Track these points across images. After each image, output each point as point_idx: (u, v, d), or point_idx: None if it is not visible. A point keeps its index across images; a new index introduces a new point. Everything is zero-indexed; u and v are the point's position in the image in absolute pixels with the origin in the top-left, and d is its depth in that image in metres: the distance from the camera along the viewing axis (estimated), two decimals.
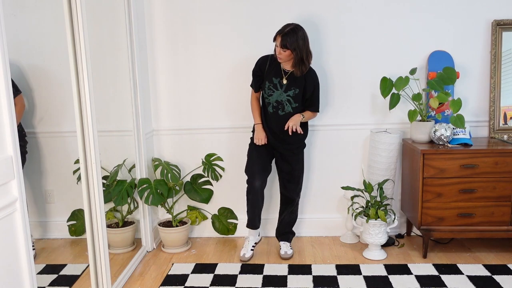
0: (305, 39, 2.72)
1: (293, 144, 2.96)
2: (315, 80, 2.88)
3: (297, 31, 2.69)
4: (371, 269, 2.84)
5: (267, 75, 2.87)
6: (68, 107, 2.36)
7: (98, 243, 2.45)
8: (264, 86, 2.88)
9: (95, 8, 2.69)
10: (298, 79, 2.83)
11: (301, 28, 2.73)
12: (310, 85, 2.85)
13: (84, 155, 2.36)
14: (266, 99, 2.90)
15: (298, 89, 2.83)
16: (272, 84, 2.85)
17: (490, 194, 2.85)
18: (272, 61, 2.88)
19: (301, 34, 2.70)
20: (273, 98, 2.85)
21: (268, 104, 2.90)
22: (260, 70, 2.91)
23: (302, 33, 2.71)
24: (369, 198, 3.09)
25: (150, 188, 3.04)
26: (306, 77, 2.83)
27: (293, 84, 2.83)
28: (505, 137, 3.14)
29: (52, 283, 2.57)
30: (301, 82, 2.83)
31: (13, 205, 1.61)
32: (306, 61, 2.76)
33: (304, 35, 2.72)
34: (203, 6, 3.22)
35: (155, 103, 3.37)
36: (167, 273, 2.88)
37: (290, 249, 3.08)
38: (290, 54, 2.72)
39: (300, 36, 2.69)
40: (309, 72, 2.84)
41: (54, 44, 2.59)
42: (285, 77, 2.83)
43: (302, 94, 2.86)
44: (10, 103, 1.58)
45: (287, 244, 3.12)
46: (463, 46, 3.17)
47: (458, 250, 3.10)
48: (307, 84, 2.84)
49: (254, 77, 2.96)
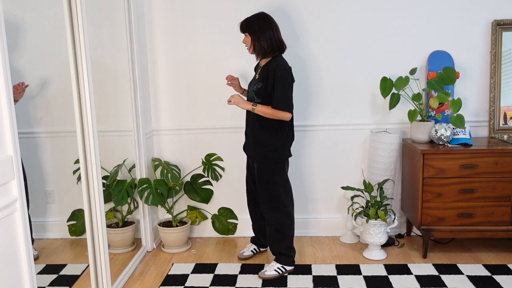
0: (263, 25, 2.59)
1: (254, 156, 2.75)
2: (276, 73, 2.56)
3: (258, 16, 2.63)
4: (371, 269, 2.84)
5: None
6: (68, 107, 2.36)
7: (98, 243, 2.45)
8: None
9: (95, 8, 2.69)
10: (263, 74, 2.63)
11: (263, 15, 2.64)
12: (270, 80, 2.58)
13: (84, 155, 2.36)
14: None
15: (262, 83, 2.62)
16: (251, 80, 2.81)
17: (490, 194, 2.85)
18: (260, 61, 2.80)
19: (261, 20, 2.61)
20: (248, 94, 2.77)
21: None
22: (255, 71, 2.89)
23: (263, 19, 2.61)
24: (369, 198, 3.09)
25: (150, 188, 3.04)
26: (268, 71, 2.60)
27: (259, 79, 2.65)
28: (505, 137, 3.14)
29: (52, 283, 2.57)
30: (264, 76, 2.62)
31: (13, 205, 1.61)
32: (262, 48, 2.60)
33: (264, 21, 2.61)
34: (203, 6, 3.22)
35: (155, 103, 3.37)
36: (167, 273, 2.88)
37: (272, 271, 2.75)
38: (248, 40, 2.63)
39: (257, 21, 2.60)
40: (272, 66, 2.59)
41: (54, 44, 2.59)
42: (258, 71, 2.72)
43: (265, 88, 2.61)
44: (10, 103, 1.58)
45: (273, 263, 2.79)
46: (463, 46, 3.17)
47: (458, 250, 3.10)
48: (268, 79, 2.59)
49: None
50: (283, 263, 2.79)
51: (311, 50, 3.23)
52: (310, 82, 3.27)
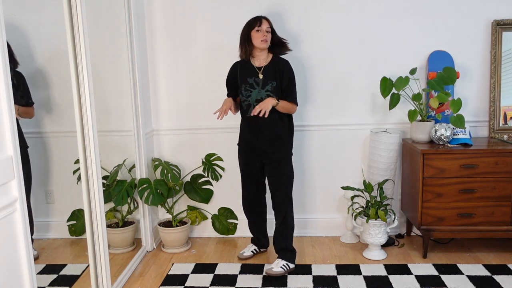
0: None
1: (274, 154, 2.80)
2: (290, 70, 2.77)
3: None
4: (371, 269, 2.84)
5: (241, 78, 2.81)
6: (68, 107, 2.36)
7: (98, 243, 2.45)
8: (241, 90, 2.80)
9: (95, 8, 2.69)
10: (272, 72, 2.74)
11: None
12: (285, 76, 2.75)
13: (84, 155, 2.36)
14: (244, 102, 2.79)
15: (275, 82, 2.73)
16: (248, 85, 2.77)
17: (490, 194, 2.85)
18: (243, 64, 2.83)
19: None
20: (252, 98, 2.76)
21: (248, 106, 2.78)
22: (232, 76, 2.88)
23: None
24: (369, 198, 3.09)
25: (150, 188, 3.04)
26: (280, 68, 2.75)
27: (269, 78, 2.74)
28: (505, 137, 3.14)
29: (52, 283, 2.57)
30: (275, 74, 2.74)
31: (13, 205, 1.61)
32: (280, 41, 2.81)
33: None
34: (203, 6, 3.22)
35: (155, 103, 3.37)
36: (167, 273, 2.88)
37: (279, 268, 2.77)
38: (271, 37, 2.76)
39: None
40: (282, 62, 2.78)
41: (54, 44, 2.59)
42: (260, 72, 2.77)
43: (279, 86, 2.75)
44: (10, 103, 1.58)
45: (279, 261, 2.82)
46: (463, 46, 3.17)
47: (458, 250, 3.10)
48: (283, 74, 2.75)
49: (227, 85, 2.93)
50: (288, 259, 2.82)
51: (311, 50, 3.23)
52: (310, 82, 3.27)
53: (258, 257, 3.08)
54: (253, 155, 2.87)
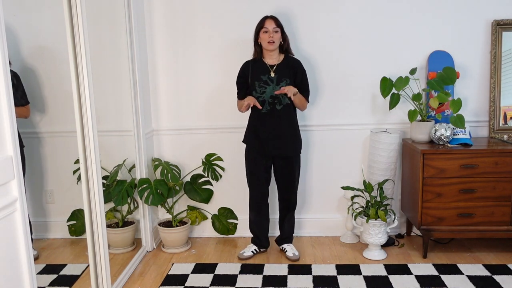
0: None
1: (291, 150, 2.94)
2: (303, 68, 2.92)
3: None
4: (371, 269, 2.84)
5: (252, 76, 2.86)
6: (68, 107, 2.36)
7: (98, 243, 2.45)
8: (254, 87, 2.85)
9: (95, 8, 2.69)
10: (286, 70, 2.85)
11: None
12: (299, 73, 2.89)
13: (84, 155, 2.36)
14: (259, 99, 2.84)
15: (289, 79, 2.84)
16: (261, 82, 2.84)
17: (490, 194, 2.85)
18: (254, 63, 2.89)
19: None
20: (267, 94, 2.83)
21: (263, 103, 2.84)
22: (243, 75, 2.91)
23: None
24: (369, 198, 3.09)
25: (150, 188, 3.04)
26: (293, 66, 2.88)
27: (283, 75, 2.84)
28: (505, 137, 3.14)
29: (52, 283, 2.57)
30: (289, 72, 2.86)
31: (13, 205, 1.61)
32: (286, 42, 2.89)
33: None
34: (203, 6, 3.22)
35: (155, 103, 3.37)
36: (167, 273, 2.88)
37: (295, 252, 3.06)
38: (279, 36, 2.82)
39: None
40: (295, 61, 2.91)
41: (54, 44, 2.59)
42: (272, 70, 2.84)
43: (293, 83, 2.86)
44: (10, 103, 1.58)
45: (291, 245, 3.12)
46: (463, 46, 3.17)
47: (458, 250, 3.10)
48: (296, 72, 2.88)
49: (238, 84, 2.96)
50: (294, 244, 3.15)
51: (311, 50, 3.23)
52: (310, 82, 3.26)
53: (258, 257, 3.08)
54: (264, 153, 2.92)
